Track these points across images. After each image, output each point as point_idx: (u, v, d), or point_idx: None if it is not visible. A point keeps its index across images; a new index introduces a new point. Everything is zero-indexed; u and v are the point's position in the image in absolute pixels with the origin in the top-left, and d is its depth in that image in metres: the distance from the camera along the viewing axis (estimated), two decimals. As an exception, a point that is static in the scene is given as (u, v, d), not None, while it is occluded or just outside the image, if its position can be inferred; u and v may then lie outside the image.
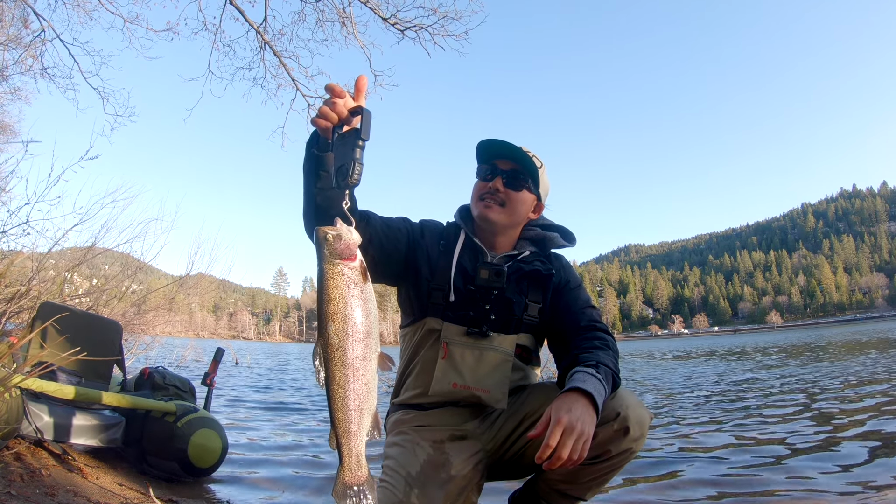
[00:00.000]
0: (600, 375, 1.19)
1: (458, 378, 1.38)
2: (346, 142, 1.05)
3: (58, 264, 5.15)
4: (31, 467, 1.83)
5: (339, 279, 0.90)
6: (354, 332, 0.89)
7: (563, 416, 1.07)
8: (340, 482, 0.89)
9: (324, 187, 1.14)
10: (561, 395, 1.15)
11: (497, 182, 1.44)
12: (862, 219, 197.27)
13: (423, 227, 1.50)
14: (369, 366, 0.90)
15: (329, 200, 1.14)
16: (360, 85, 1.09)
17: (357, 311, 0.89)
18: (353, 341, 0.88)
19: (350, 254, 0.92)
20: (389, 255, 1.37)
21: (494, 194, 1.44)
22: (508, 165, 1.45)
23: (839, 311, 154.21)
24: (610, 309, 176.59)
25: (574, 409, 1.09)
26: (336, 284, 0.89)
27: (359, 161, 1.03)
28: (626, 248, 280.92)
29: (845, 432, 3.29)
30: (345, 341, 0.88)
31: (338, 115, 1.04)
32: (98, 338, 2.52)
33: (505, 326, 1.43)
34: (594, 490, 1.37)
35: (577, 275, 1.57)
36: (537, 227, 1.57)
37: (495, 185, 1.44)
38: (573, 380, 1.18)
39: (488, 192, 1.45)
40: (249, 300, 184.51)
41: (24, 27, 5.92)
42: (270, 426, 4.18)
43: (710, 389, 6.50)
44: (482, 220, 1.46)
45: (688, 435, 3.55)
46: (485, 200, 1.45)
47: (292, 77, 6.39)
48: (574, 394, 1.13)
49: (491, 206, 1.44)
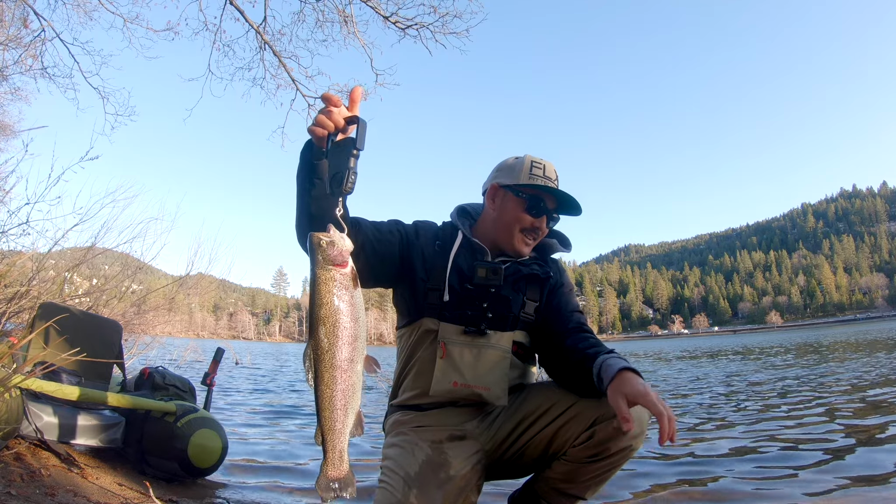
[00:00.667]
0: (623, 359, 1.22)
1: (457, 377, 1.38)
2: (340, 150, 1.07)
3: (58, 264, 5.15)
4: (31, 467, 1.83)
5: (330, 284, 0.94)
6: (343, 335, 0.94)
7: (642, 388, 1.08)
8: (323, 476, 0.94)
9: (317, 196, 1.15)
10: (618, 379, 1.12)
11: (543, 222, 1.47)
12: (862, 219, 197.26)
13: (416, 228, 1.50)
14: (356, 368, 0.95)
15: (322, 210, 1.15)
16: (354, 96, 1.11)
17: (346, 316, 0.94)
18: (342, 344, 0.93)
19: (342, 260, 0.96)
20: (383, 259, 1.38)
21: (537, 232, 1.48)
22: (555, 203, 1.48)
23: (839, 312, 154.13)
24: (610, 309, 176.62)
25: (638, 383, 1.10)
26: (328, 290, 0.94)
27: (353, 170, 1.06)
28: (626, 248, 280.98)
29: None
30: (334, 344, 0.93)
31: (333, 123, 1.06)
32: (98, 338, 2.52)
33: (502, 324, 1.43)
34: (594, 489, 1.38)
35: (570, 279, 1.61)
36: None
37: (542, 226, 1.47)
38: (610, 365, 1.18)
39: (532, 230, 1.47)
40: (249, 300, 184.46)
41: (24, 27, 5.92)
42: (270, 426, 4.18)
43: (718, 390, 6.51)
44: (514, 252, 1.48)
45: (690, 434, 3.55)
46: (526, 236, 1.47)
47: (292, 77, 6.39)
48: (627, 373, 1.13)
49: (529, 245, 1.49)
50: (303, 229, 1.17)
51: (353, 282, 0.97)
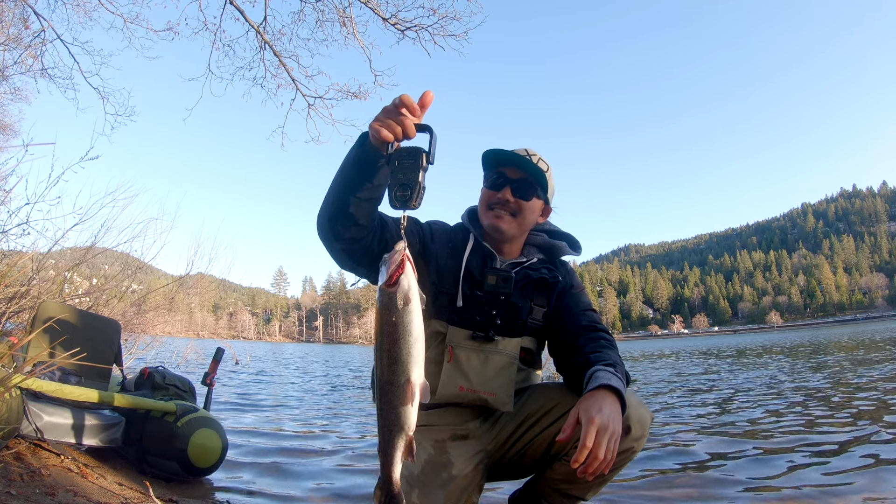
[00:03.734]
0: (619, 374, 1.21)
1: (464, 381, 1.38)
2: (406, 160, 0.97)
3: (58, 264, 5.15)
4: (31, 467, 1.83)
5: (378, 306, 0.90)
6: (383, 357, 0.91)
7: (595, 416, 1.06)
8: (375, 497, 0.96)
9: (363, 198, 1.11)
10: (589, 395, 1.13)
11: (506, 192, 1.42)
12: (862, 219, 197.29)
13: (431, 229, 1.49)
14: (401, 392, 0.90)
15: (362, 210, 1.12)
16: (426, 101, 0.99)
17: (386, 337, 0.90)
18: (384, 366, 0.91)
19: (394, 279, 0.90)
20: None
21: (505, 204, 1.42)
22: (517, 174, 1.43)
23: (839, 311, 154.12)
24: (610, 309, 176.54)
25: (604, 407, 1.09)
26: (376, 311, 0.91)
27: (423, 185, 0.96)
28: (626, 248, 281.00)
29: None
30: (378, 366, 0.92)
31: (405, 130, 0.97)
32: (97, 337, 2.52)
33: (510, 330, 1.43)
34: (594, 490, 1.38)
35: (580, 280, 1.58)
36: (544, 234, 1.57)
37: (505, 196, 1.42)
38: (597, 378, 1.17)
39: (497, 201, 1.43)
40: (249, 300, 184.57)
41: (25, 27, 5.93)
42: (270, 427, 4.18)
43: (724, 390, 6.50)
44: (492, 230, 1.44)
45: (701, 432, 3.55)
46: (494, 210, 1.43)
47: (292, 77, 6.40)
48: (602, 391, 1.13)
49: (502, 217, 1.43)
50: (332, 224, 1.15)
51: (402, 300, 0.89)
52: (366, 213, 1.14)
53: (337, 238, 1.17)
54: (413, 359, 0.90)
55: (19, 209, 3.53)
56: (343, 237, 1.17)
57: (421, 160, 0.96)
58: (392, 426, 0.90)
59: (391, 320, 0.88)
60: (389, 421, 0.90)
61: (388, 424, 0.90)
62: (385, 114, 0.98)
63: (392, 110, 0.97)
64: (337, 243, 1.18)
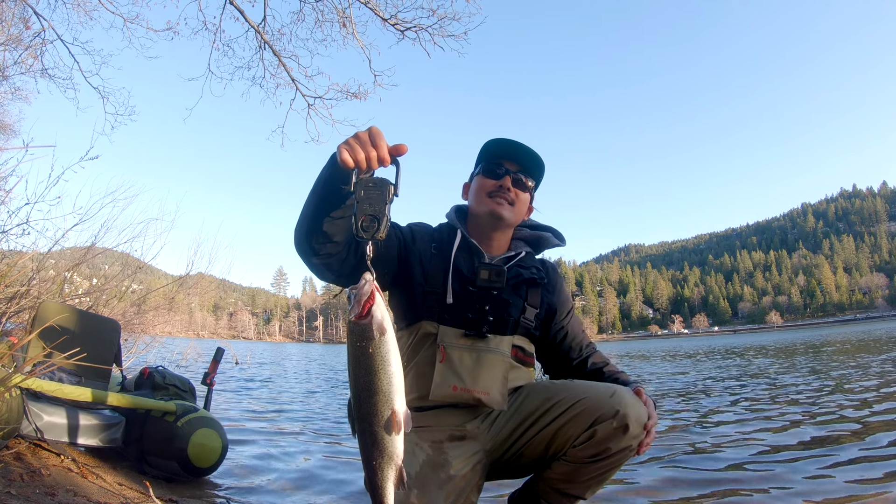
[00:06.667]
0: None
1: (457, 381, 1.38)
2: (374, 191, 0.97)
3: (58, 264, 5.14)
4: (31, 467, 1.83)
5: (351, 338, 0.90)
6: (360, 390, 0.90)
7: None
8: None
9: (337, 216, 1.14)
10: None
11: (507, 181, 1.45)
12: (862, 219, 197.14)
13: (412, 231, 1.49)
14: (387, 424, 0.90)
15: (336, 227, 1.16)
16: (400, 149, 1.02)
17: (362, 369, 0.89)
18: (363, 399, 0.90)
19: (362, 311, 0.89)
20: (383, 265, 1.38)
21: (505, 193, 1.45)
22: (516, 166, 1.47)
23: (839, 311, 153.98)
24: (610, 309, 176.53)
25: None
26: (349, 344, 0.91)
27: (389, 217, 0.97)
28: (626, 248, 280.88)
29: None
30: (356, 398, 0.91)
31: (369, 160, 0.99)
32: (97, 337, 2.52)
33: (502, 327, 1.43)
34: (594, 489, 1.38)
35: (568, 292, 1.64)
36: (526, 228, 1.59)
37: (506, 185, 1.45)
38: (627, 382, 1.44)
39: (498, 189, 1.45)
40: (249, 300, 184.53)
41: (25, 27, 5.92)
42: (270, 426, 4.18)
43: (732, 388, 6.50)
44: (492, 217, 1.45)
45: (697, 431, 3.55)
46: (495, 198, 1.45)
47: (291, 77, 6.39)
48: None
49: (503, 204, 1.45)
50: (309, 240, 1.18)
51: (377, 331, 0.88)
52: (340, 230, 1.17)
53: (314, 254, 1.20)
54: (395, 388, 0.90)
55: (19, 209, 3.53)
56: (319, 253, 1.20)
57: (388, 192, 0.97)
58: (380, 458, 0.90)
59: (368, 352, 0.88)
60: (377, 453, 0.90)
61: (375, 457, 0.90)
62: (355, 139, 1.01)
63: (363, 137, 1.00)
64: (314, 258, 1.21)
